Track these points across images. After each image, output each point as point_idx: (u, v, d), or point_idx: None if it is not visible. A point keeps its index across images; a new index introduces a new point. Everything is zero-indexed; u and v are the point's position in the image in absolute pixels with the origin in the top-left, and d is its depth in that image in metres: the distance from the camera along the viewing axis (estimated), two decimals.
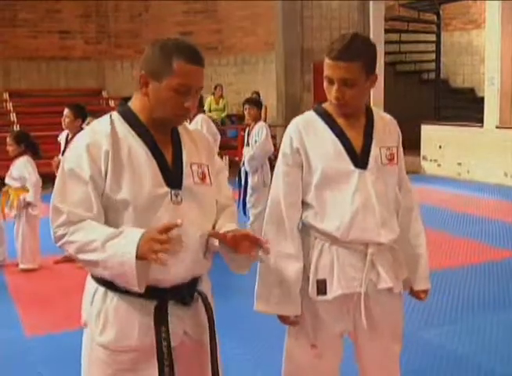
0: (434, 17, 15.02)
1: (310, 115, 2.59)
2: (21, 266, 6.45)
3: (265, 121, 8.40)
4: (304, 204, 2.54)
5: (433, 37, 14.96)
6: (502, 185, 10.96)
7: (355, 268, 2.47)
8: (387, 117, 2.67)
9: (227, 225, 2.21)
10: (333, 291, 2.46)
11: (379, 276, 2.49)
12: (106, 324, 2.14)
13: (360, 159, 2.49)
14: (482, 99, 12.01)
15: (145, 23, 16.11)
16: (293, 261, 2.50)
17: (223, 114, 14.79)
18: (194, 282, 2.22)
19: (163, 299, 2.12)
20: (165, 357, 2.09)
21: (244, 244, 2.12)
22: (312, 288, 2.49)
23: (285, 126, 14.59)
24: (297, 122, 2.58)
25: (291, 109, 14.39)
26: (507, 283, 5.67)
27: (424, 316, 4.77)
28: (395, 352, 2.68)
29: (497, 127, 11.30)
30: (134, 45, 15.64)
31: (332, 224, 2.46)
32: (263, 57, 15.41)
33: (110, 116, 2.20)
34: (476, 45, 15.11)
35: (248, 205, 7.36)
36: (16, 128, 12.94)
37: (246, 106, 7.58)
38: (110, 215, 2.10)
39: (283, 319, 2.57)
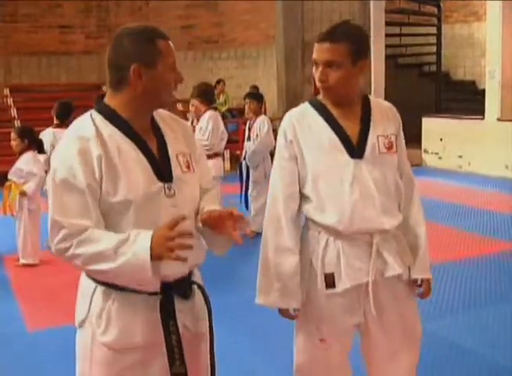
0: (435, 10, 14.97)
1: (304, 107, 2.59)
2: (22, 261, 6.46)
3: (265, 114, 8.39)
4: (303, 197, 2.54)
5: (434, 30, 14.91)
6: (504, 177, 10.94)
7: (361, 259, 2.47)
8: (386, 104, 2.65)
9: (210, 207, 2.21)
10: (342, 283, 2.46)
11: (386, 264, 2.48)
12: (108, 323, 2.12)
13: (356, 149, 2.47)
14: (483, 91, 11.98)
15: (145, 17, 16.06)
16: (290, 254, 2.50)
17: (224, 108, 14.78)
18: (190, 274, 2.23)
19: (169, 293, 2.11)
20: (176, 351, 2.09)
21: (227, 224, 2.11)
22: (321, 282, 2.49)
23: None
24: (290, 115, 2.58)
25: (292, 102, 14.35)
26: (508, 276, 5.67)
27: (426, 307, 4.76)
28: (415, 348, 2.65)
29: (498, 119, 11.28)
30: None
31: (333, 217, 2.44)
32: (264, 50, 15.37)
33: (91, 115, 2.14)
34: (477, 38, 15.07)
35: (250, 199, 7.37)
36: (17, 123, 12.93)
37: (247, 100, 7.58)
38: (110, 218, 2.07)
39: (283, 312, 2.57)
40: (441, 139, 12.34)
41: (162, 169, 2.13)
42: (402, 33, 15.19)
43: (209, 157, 6.72)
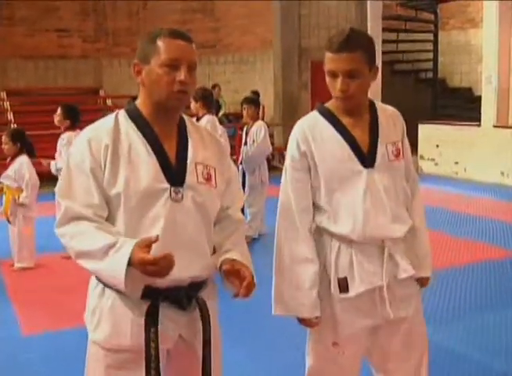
0: (432, 16, 15.02)
1: (314, 116, 2.59)
2: (17, 265, 6.45)
3: (262, 119, 8.39)
4: (316, 207, 2.55)
5: (430, 37, 14.96)
6: (500, 184, 10.97)
7: (373, 263, 2.50)
8: (390, 109, 2.66)
9: (234, 254, 2.23)
10: (356, 288, 2.48)
11: (398, 266, 2.52)
12: (100, 321, 2.15)
13: (367, 158, 2.48)
14: (479, 98, 12.01)
15: (143, 22, 16.08)
16: (310, 264, 2.51)
17: (220, 113, 14.78)
18: (195, 286, 2.18)
19: (156, 300, 2.10)
20: (152, 359, 2.08)
21: (234, 281, 2.14)
22: (334, 287, 2.51)
23: (283, 125, 14.61)
24: (302, 125, 2.57)
25: (289, 107, 14.39)
26: (504, 283, 5.68)
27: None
28: (423, 332, 2.71)
29: (494, 126, 11.31)
30: (132, 44, 15.59)
31: (346, 226, 2.47)
32: (261, 56, 15.40)
33: (117, 113, 2.21)
34: (473, 45, 15.11)
35: (246, 204, 7.36)
36: (14, 127, 12.91)
37: (245, 105, 7.58)
38: (109, 211, 2.11)
39: (304, 321, 2.58)
40: (437, 146, 12.37)
41: (174, 172, 2.14)
42: (398, 39, 15.24)
43: None
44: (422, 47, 15.21)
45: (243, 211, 7.70)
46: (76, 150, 2.15)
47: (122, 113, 2.21)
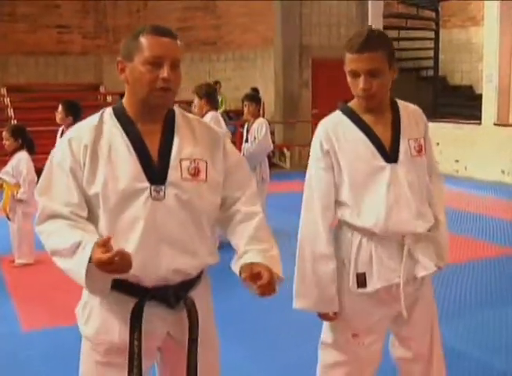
0: (433, 14, 15.02)
1: (336, 115, 2.64)
2: (18, 261, 6.45)
3: (263, 117, 8.38)
4: (338, 203, 2.60)
5: (431, 35, 14.95)
6: (500, 182, 10.97)
7: (393, 260, 2.56)
8: (412, 107, 2.73)
9: (248, 256, 2.16)
10: (373, 283, 2.55)
11: (417, 264, 2.58)
12: (90, 317, 2.17)
13: (390, 154, 2.54)
14: (480, 96, 12.01)
15: (143, 18, 16.06)
16: (329, 261, 2.57)
17: (220, 110, 14.76)
18: (185, 286, 2.16)
19: (142, 299, 2.09)
20: (135, 357, 2.08)
21: (256, 283, 2.08)
22: (353, 282, 2.57)
23: (283, 123, 14.58)
24: (325, 124, 2.63)
25: (289, 105, 14.38)
26: (504, 280, 5.69)
27: None
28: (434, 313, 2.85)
29: (495, 124, 11.31)
30: None
31: (369, 220, 2.52)
32: (261, 53, 15.39)
33: (103, 111, 2.20)
34: (474, 43, 15.09)
35: None
36: (14, 123, 12.91)
37: (246, 102, 7.57)
38: (90, 211, 2.10)
39: (323, 316, 2.66)
40: (437, 144, 12.33)
41: (155, 170, 2.10)
42: (399, 37, 15.21)
43: None
44: (423, 45, 15.21)
45: None
46: (58, 149, 2.16)
47: (108, 111, 2.19)
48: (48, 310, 5.08)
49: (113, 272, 1.92)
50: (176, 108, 2.26)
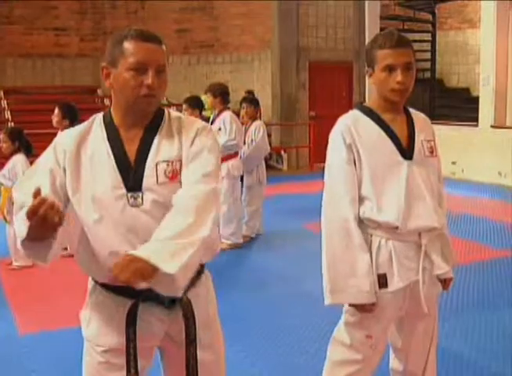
0: (430, 16, 15.04)
1: (355, 113, 2.72)
2: (15, 264, 6.44)
3: (260, 119, 8.40)
4: (360, 199, 2.63)
5: (428, 37, 14.97)
6: (497, 184, 10.98)
7: (411, 259, 2.62)
8: (421, 114, 2.84)
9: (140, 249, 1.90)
10: (395, 283, 2.61)
11: (432, 263, 2.65)
12: (90, 319, 2.19)
13: (407, 151, 2.63)
14: (477, 98, 12.02)
15: (141, 21, 16.06)
16: (364, 252, 2.60)
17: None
18: None
19: (136, 299, 2.10)
20: (131, 358, 2.09)
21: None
22: (374, 282, 2.61)
23: (280, 125, 14.59)
24: (344, 120, 2.69)
25: (287, 107, 14.39)
26: (500, 283, 5.69)
27: None
28: (435, 329, 2.91)
29: (492, 126, 11.32)
30: None
31: (391, 214, 2.57)
32: (259, 55, 15.39)
33: (94, 117, 2.21)
34: (471, 45, 15.13)
35: (243, 204, 7.37)
36: (11, 125, 12.89)
37: (244, 105, 7.60)
38: (78, 219, 2.12)
39: (360, 307, 2.65)
40: None
41: (131, 176, 2.09)
42: None
43: (230, 157, 6.77)
44: (420, 47, 15.20)
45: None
46: (45, 152, 2.21)
47: (99, 117, 2.20)
48: (45, 313, 5.06)
49: (41, 225, 1.83)
50: (166, 109, 2.24)
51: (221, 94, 7.00)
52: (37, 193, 1.84)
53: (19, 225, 1.97)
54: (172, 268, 1.83)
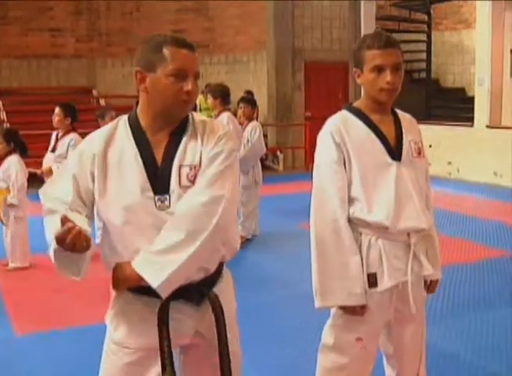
0: (425, 17, 15.06)
1: (344, 114, 2.71)
2: (11, 265, 6.43)
3: (257, 120, 8.40)
4: (349, 199, 2.62)
5: (424, 37, 15.00)
6: (492, 184, 11.00)
7: (400, 259, 2.62)
8: (407, 115, 2.82)
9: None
10: (384, 283, 2.60)
11: (421, 264, 2.65)
12: (119, 322, 2.20)
13: (395, 151, 2.63)
14: (472, 98, 12.05)
15: (136, 21, 16.05)
16: (355, 254, 2.58)
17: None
18: (207, 282, 2.19)
19: (165, 298, 2.11)
20: (166, 356, 2.11)
21: None
22: (364, 282, 2.60)
23: (276, 125, 14.58)
24: (334, 120, 2.68)
25: (282, 108, 14.39)
26: (496, 282, 5.70)
27: None
28: (423, 332, 2.95)
29: (487, 126, 11.35)
30: (125, 43, 15.59)
31: (380, 214, 2.56)
32: (254, 56, 15.39)
33: (119, 119, 2.23)
34: (466, 45, 15.16)
35: (239, 204, 7.36)
36: (6, 126, 12.87)
37: (242, 104, 7.59)
38: (104, 220, 2.16)
39: (350, 310, 2.62)
40: (430, 146, 12.38)
41: (159, 179, 2.12)
42: None
43: None
44: (415, 47, 15.24)
45: None
46: (70, 157, 2.28)
47: (123, 119, 2.22)
48: (42, 315, 5.05)
49: (71, 249, 1.92)
50: (191, 113, 2.27)
51: (222, 95, 7.00)
52: (64, 219, 1.90)
53: (48, 233, 2.06)
54: (155, 281, 2.02)
